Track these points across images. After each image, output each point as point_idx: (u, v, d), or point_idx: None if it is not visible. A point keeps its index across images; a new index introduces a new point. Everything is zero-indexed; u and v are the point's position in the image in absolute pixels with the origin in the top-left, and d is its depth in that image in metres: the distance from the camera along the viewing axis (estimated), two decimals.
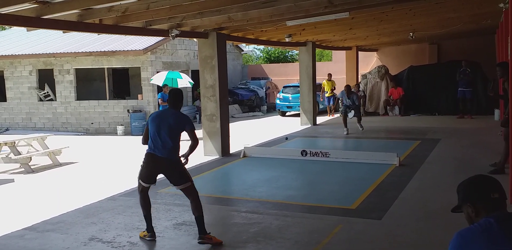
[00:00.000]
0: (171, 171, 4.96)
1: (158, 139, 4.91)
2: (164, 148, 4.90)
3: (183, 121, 4.98)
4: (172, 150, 4.93)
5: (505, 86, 7.33)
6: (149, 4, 6.77)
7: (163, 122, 4.92)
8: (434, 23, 13.56)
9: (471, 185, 2.16)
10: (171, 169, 4.95)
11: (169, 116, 4.96)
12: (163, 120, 4.94)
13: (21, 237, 5.24)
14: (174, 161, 4.94)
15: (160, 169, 4.99)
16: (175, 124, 4.92)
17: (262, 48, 35.85)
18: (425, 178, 7.48)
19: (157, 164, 4.95)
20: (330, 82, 18.09)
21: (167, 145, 4.91)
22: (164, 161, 4.92)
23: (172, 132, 4.91)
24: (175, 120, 4.93)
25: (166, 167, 4.95)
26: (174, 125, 4.91)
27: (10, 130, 16.92)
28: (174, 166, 4.94)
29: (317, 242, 4.79)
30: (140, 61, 16.07)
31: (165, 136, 4.89)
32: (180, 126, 4.94)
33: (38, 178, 8.75)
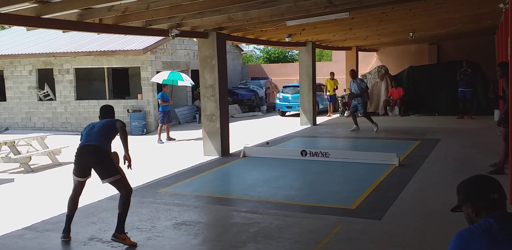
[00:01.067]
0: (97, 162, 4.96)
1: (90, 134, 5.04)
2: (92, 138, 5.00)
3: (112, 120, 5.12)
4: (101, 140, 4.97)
5: (504, 86, 7.34)
6: (149, 4, 6.77)
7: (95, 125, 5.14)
8: (434, 24, 13.56)
9: (471, 185, 2.16)
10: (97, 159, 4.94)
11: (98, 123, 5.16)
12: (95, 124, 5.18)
13: (20, 236, 5.24)
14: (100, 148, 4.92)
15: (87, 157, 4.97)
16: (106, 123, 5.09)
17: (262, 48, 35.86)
18: (425, 178, 7.48)
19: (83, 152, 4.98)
20: (332, 81, 18.11)
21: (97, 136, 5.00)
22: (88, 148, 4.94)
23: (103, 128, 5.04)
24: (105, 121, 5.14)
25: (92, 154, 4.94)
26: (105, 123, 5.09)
27: (9, 129, 16.92)
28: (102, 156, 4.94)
29: (317, 242, 4.79)
30: (140, 61, 16.07)
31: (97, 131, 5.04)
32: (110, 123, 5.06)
33: (37, 178, 8.75)
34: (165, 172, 8.58)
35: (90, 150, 4.93)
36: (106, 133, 5.03)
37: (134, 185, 7.55)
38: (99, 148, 4.92)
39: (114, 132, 5.05)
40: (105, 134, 5.02)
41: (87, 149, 4.94)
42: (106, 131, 5.03)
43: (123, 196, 4.94)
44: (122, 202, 4.91)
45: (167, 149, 11.87)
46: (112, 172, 4.92)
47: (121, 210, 4.89)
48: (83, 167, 5.01)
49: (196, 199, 6.68)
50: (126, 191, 4.97)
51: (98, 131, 5.03)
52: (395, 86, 17.26)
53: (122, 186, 4.97)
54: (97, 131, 5.02)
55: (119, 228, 4.86)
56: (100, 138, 4.97)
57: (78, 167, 5.04)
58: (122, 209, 4.89)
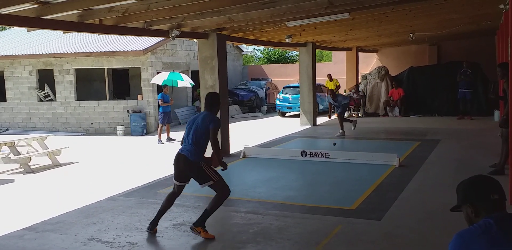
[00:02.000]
0: (190, 172, 5.03)
1: (185, 139, 5.07)
2: (186, 147, 5.01)
3: (208, 120, 5.02)
4: (193, 151, 4.97)
5: (504, 86, 7.33)
6: (149, 5, 6.77)
7: (193, 124, 5.08)
8: (434, 24, 13.56)
9: (471, 185, 2.16)
10: (189, 169, 5.01)
11: (199, 118, 5.09)
12: (194, 121, 5.10)
13: (20, 237, 5.24)
14: (191, 162, 4.96)
15: (182, 168, 5.05)
16: (201, 124, 5.01)
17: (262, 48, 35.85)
18: (425, 178, 7.48)
19: (179, 162, 5.05)
20: (331, 82, 18.14)
21: (191, 144, 4.99)
22: (182, 159, 4.99)
23: (197, 131, 4.99)
24: (202, 120, 5.03)
25: (185, 167, 5.01)
26: (200, 124, 5.01)
27: (10, 130, 16.93)
28: (191, 166, 4.98)
29: (317, 242, 4.79)
30: (140, 62, 16.08)
31: (192, 135, 5.00)
32: (204, 125, 5.00)
33: (37, 178, 8.75)
34: (165, 172, 8.57)
35: (181, 160, 5.01)
36: (200, 139, 4.98)
37: (134, 186, 7.59)
38: (188, 160, 4.95)
39: (207, 134, 5.01)
40: (199, 140, 4.98)
41: (180, 159, 5.02)
42: (200, 135, 4.98)
43: (217, 197, 5.01)
44: (214, 201, 5.00)
45: (167, 150, 11.86)
46: (205, 179, 4.97)
47: (209, 208, 5.00)
48: (180, 173, 5.12)
49: (196, 200, 6.68)
50: (222, 194, 5.01)
51: (193, 135, 4.98)
52: (396, 87, 17.26)
53: (218, 189, 5.01)
54: (192, 136, 4.98)
55: (199, 221, 4.98)
56: (193, 147, 4.96)
57: (176, 172, 5.15)
58: (211, 207, 5.00)
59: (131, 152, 11.82)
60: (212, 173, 4.99)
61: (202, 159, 4.99)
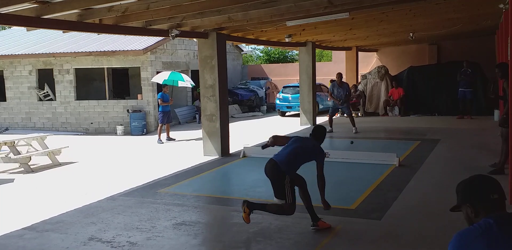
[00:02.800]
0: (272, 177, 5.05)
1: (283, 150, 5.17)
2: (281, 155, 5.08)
3: (316, 151, 5.16)
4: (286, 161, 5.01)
5: (504, 86, 7.33)
6: (149, 4, 6.77)
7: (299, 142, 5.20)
8: (434, 24, 13.56)
9: (471, 185, 2.16)
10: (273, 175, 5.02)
11: (308, 143, 5.22)
12: (301, 141, 5.23)
13: (20, 236, 5.24)
14: (280, 170, 4.97)
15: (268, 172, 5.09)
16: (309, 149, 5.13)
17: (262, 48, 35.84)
18: (424, 178, 7.48)
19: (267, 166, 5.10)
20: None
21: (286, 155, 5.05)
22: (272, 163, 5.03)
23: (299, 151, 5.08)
24: (312, 146, 5.17)
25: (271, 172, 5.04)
26: (308, 148, 5.13)
27: (9, 129, 16.92)
28: (276, 174, 5.00)
29: (317, 242, 4.79)
30: (140, 61, 16.07)
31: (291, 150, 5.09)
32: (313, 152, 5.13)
33: (37, 178, 8.75)
34: (165, 172, 8.58)
35: (271, 164, 5.06)
36: (297, 156, 5.07)
37: (134, 185, 7.59)
38: (277, 166, 4.99)
39: (308, 159, 5.12)
40: (296, 156, 5.06)
41: (270, 163, 5.09)
42: (300, 155, 5.07)
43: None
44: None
45: (167, 149, 11.87)
46: (280, 194, 4.99)
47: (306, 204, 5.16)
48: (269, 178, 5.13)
49: (196, 199, 6.68)
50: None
51: (292, 150, 5.08)
52: (395, 86, 17.26)
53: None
54: (291, 150, 5.08)
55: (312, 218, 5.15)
56: (287, 157, 5.02)
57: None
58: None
59: (131, 152, 11.82)
60: (289, 195, 4.98)
61: (289, 173, 5.01)
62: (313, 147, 5.17)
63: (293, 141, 5.22)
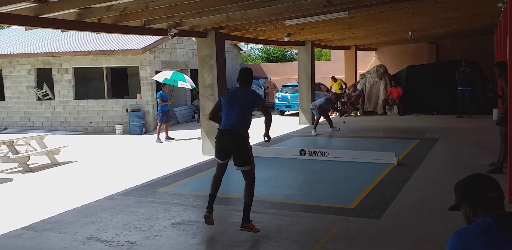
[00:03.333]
0: (237, 148, 5.01)
1: (230, 115, 5.05)
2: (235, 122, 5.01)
3: (253, 97, 5.07)
4: (242, 125, 5.00)
5: (503, 85, 7.34)
6: (147, 3, 6.77)
7: (235, 101, 5.06)
8: (432, 23, 13.57)
9: (469, 184, 2.16)
10: (237, 145, 5.00)
11: (240, 95, 5.09)
12: (235, 99, 5.08)
13: (19, 236, 5.24)
14: (242, 136, 4.98)
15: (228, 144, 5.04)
16: (245, 102, 5.02)
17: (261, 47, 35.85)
18: (423, 177, 7.49)
19: (226, 137, 5.04)
20: (336, 83, 18.22)
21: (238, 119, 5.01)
22: (232, 134, 4.99)
23: (243, 108, 5.02)
24: (245, 98, 5.05)
25: (233, 142, 5.00)
26: (244, 102, 5.02)
27: (8, 129, 16.91)
28: (240, 142, 4.98)
29: (316, 241, 4.79)
30: (139, 61, 16.06)
31: (238, 111, 5.02)
32: (250, 102, 5.03)
33: (36, 177, 8.74)
34: (163, 171, 8.58)
35: (230, 134, 5.01)
36: (247, 115, 5.05)
37: (133, 185, 7.58)
38: (239, 134, 4.98)
39: (252, 108, 5.06)
40: (246, 117, 5.04)
41: (227, 133, 5.02)
42: (246, 112, 5.03)
43: (248, 186, 5.05)
44: (247, 192, 5.04)
45: (166, 149, 11.87)
46: (246, 161, 5.02)
47: (246, 200, 5.03)
48: (223, 150, 5.10)
49: (195, 199, 6.68)
50: (252, 181, 5.07)
51: (239, 112, 5.00)
52: (394, 85, 17.26)
53: (249, 176, 5.07)
54: (238, 113, 5.00)
55: (245, 218, 4.98)
56: (239, 121, 4.99)
57: (218, 150, 5.15)
58: (248, 199, 5.03)
59: (130, 151, 11.82)
60: (253, 159, 5.04)
61: (248, 135, 5.02)
62: (245, 95, 5.06)
63: (227, 101, 5.11)
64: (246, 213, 5.01)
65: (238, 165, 5.07)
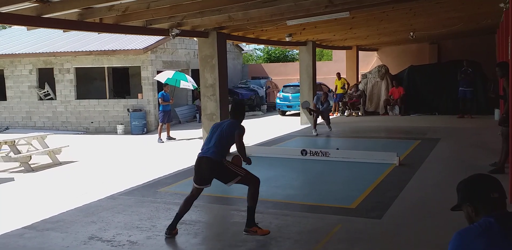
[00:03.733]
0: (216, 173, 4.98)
1: (208, 142, 5.04)
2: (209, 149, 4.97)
3: (234, 126, 5.02)
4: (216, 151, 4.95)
5: (504, 85, 7.33)
6: (149, 3, 6.77)
7: (218, 128, 5.07)
8: (434, 23, 13.56)
9: (471, 184, 2.16)
10: (214, 171, 4.96)
11: (224, 124, 5.11)
12: (219, 126, 5.10)
13: (20, 236, 5.24)
14: (216, 162, 4.93)
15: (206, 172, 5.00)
16: (226, 129, 5.00)
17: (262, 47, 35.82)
18: (425, 177, 7.48)
19: (202, 166, 5.00)
20: (340, 81, 18.21)
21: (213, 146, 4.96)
22: (206, 161, 4.95)
23: (222, 136, 4.98)
24: (227, 126, 5.04)
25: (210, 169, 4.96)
26: (225, 130, 5.00)
27: (10, 128, 16.93)
28: (215, 167, 4.95)
29: (317, 241, 4.79)
30: (140, 61, 16.07)
31: (215, 139, 4.99)
32: (230, 130, 4.98)
33: (38, 177, 8.75)
34: (165, 171, 8.59)
35: (204, 162, 4.96)
36: (224, 142, 4.99)
37: (134, 184, 7.59)
38: (211, 160, 4.92)
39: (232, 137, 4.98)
40: (223, 143, 4.99)
41: (203, 161, 4.98)
42: (225, 139, 4.98)
43: (251, 189, 4.98)
44: (250, 194, 4.96)
45: (167, 148, 11.87)
46: (231, 176, 4.96)
47: (249, 203, 4.95)
48: (202, 177, 5.05)
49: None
50: (253, 185, 4.99)
51: (217, 139, 4.98)
52: (396, 85, 17.25)
53: (248, 182, 5.00)
54: (216, 139, 4.98)
55: (248, 222, 4.92)
56: (216, 148, 4.94)
57: (197, 176, 5.09)
58: (251, 202, 4.95)
59: (131, 151, 11.82)
60: (237, 168, 4.99)
61: (224, 158, 4.98)
62: (229, 125, 5.03)
63: (211, 130, 5.13)
64: (249, 216, 4.93)
65: (227, 182, 5.01)
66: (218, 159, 4.93)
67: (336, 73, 18.56)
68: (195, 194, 5.19)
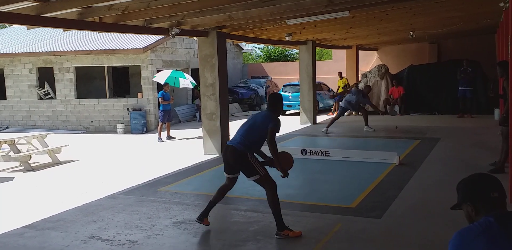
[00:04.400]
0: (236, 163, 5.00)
1: (237, 131, 5.07)
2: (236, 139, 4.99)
3: (268, 119, 4.98)
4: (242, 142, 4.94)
5: (504, 85, 7.33)
6: (149, 3, 6.77)
7: (252, 119, 5.09)
8: (434, 22, 13.55)
9: (471, 183, 2.16)
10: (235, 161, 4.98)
11: (259, 115, 5.12)
12: (253, 117, 5.12)
13: (20, 235, 5.25)
14: (239, 152, 4.93)
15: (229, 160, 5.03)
16: (260, 120, 5.00)
17: (262, 47, 35.84)
18: (424, 177, 7.49)
19: (226, 154, 5.05)
20: (341, 80, 18.22)
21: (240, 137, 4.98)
22: (230, 149, 4.97)
23: (253, 127, 4.99)
24: (262, 118, 5.03)
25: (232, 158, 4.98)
26: (259, 121, 5.00)
27: (10, 128, 16.92)
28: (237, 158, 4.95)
29: (317, 240, 4.79)
30: (140, 60, 16.06)
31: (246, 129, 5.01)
32: (264, 123, 4.95)
33: (38, 176, 8.75)
34: (165, 170, 8.59)
35: (229, 151, 5.00)
36: (254, 134, 4.98)
37: (134, 184, 7.59)
38: (235, 150, 4.93)
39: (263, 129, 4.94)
40: (252, 135, 4.97)
41: (228, 150, 5.03)
42: (256, 131, 4.97)
43: (269, 194, 4.96)
44: (270, 201, 4.95)
45: (167, 148, 11.87)
46: (251, 172, 4.96)
47: (273, 209, 4.93)
48: (228, 165, 5.11)
49: (196, 198, 6.68)
50: (270, 189, 4.97)
51: (247, 129, 4.99)
52: (396, 85, 17.26)
53: (265, 184, 4.99)
54: (246, 130, 4.99)
55: (278, 226, 4.90)
56: (242, 139, 4.94)
57: (225, 164, 5.15)
58: (273, 208, 4.92)
59: (131, 150, 11.82)
60: (259, 167, 4.98)
61: (249, 151, 4.97)
62: (264, 116, 5.02)
63: (247, 121, 5.13)
64: (277, 220, 4.91)
65: (248, 176, 5.05)
66: (243, 151, 4.94)
67: (338, 72, 18.56)
68: (229, 184, 5.26)
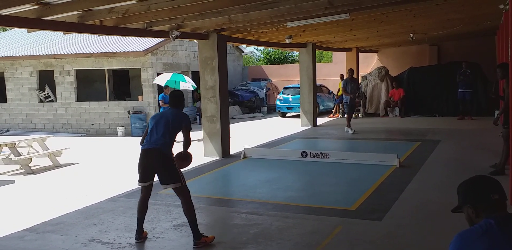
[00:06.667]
0: (161, 167, 4.87)
1: (153, 133, 4.90)
2: (157, 141, 4.86)
3: (181, 118, 4.94)
4: (164, 143, 4.84)
5: (504, 87, 7.34)
6: (149, 6, 6.78)
7: (162, 119, 4.95)
8: (434, 25, 13.57)
9: (471, 185, 2.16)
10: (161, 164, 4.85)
11: (169, 114, 5.00)
12: (162, 117, 4.98)
13: (21, 238, 5.24)
14: (165, 155, 4.82)
15: (152, 164, 4.90)
16: (173, 120, 4.91)
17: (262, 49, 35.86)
18: (425, 179, 7.48)
19: (149, 157, 4.90)
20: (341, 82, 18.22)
21: (161, 138, 4.85)
22: (154, 153, 4.84)
23: (167, 127, 4.88)
24: (173, 116, 4.94)
25: (157, 161, 4.85)
26: (172, 121, 4.90)
27: (10, 131, 16.93)
28: (164, 160, 4.83)
29: (317, 243, 4.79)
30: (141, 63, 16.08)
31: (161, 129, 4.88)
32: (177, 122, 4.90)
33: (38, 179, 8.75)
34: None
35: (153, 153, 4.84)
36: (171, 132, 4.88)
37: (135, 187, 7.56)
38: (162, 152, 4.81)
39: (179, 130, 4.90)
40: (171, 133, 4.87)
41: (151, 153, 4.86)
42: (172, 129, 4.87)
43: (185, 203, 4.87)
44: (187, 209, 4.84)
45: None
46: (174, 178, 4.85)
47: (188, 218, 4.84)
48: (146, 170, 4.97)
49: (197, 200, 6.65)
50: (186, 198, 4.88)
51: (164, 128, 4.85)
52: (396, 87, 17.27)
53: (183, 193, 4.89)
54: (164, 129, 4.85)
55: (195, 235, 4.81)
56: (163, 138, 4.83)
57: (141, 171, 5.02)
58: (189, 216, 4.83)
59: (132, 153, 11.81)
60: (182, 175, 4.90)
61: (171, 152, 4.86)
62: (175, 114, 4.94)
63: (154, 122, 4.96)
64: (193, 229, 4.80)
65: (165, 183, 4.89)
66: (169, 153, 4.83)
67: (340, 75, 18.56)
68: (147, 193, 5.14)
